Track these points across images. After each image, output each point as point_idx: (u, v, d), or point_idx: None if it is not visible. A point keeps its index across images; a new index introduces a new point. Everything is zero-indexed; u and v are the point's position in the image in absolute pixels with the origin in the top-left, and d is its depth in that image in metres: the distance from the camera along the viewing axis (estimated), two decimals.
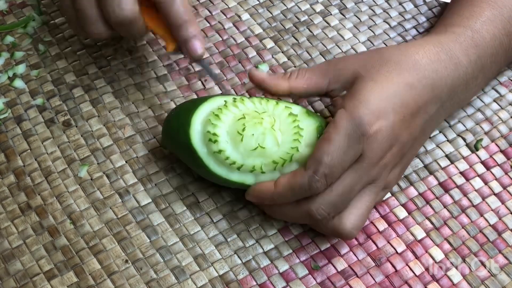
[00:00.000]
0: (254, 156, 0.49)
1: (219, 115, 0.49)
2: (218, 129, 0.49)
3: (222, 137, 0.49)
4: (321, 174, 0.46)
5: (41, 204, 0.54)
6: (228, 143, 0.49)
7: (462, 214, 0.54)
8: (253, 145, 0.48)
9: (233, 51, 0.63)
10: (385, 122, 0.48)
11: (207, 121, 0.50)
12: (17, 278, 0.50)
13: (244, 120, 0.49)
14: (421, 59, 0.50)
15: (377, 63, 0.50)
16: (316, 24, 0.65)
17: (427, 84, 0.50)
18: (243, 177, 0.50)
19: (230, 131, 0.49)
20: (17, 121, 0.58)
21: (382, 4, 0.66)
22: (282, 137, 0.49)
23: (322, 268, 0.51)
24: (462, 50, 0.52)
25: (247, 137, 0.48)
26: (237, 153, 0.49)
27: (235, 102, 0.50)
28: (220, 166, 0.50)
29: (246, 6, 0.66)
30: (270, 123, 0.49)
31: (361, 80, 0.49)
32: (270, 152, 0.49)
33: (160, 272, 0.51)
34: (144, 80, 0.61)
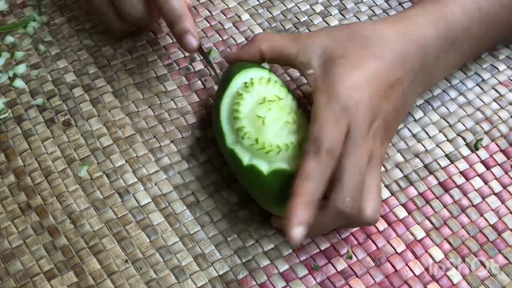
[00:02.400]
0: (285, 134, 0.49)
1: (243, 94, 0.51)
2: (239, 123, 0.50)
3: (247, 128, 0.50)
4: (324, 149, 0.47)
5: (41, 204, 0.54)
6: (254, 132, 0.49)
7: (462, 214, 0.54)
8: (282, 121, 0.49)
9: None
10: (362, 93, 0.48)
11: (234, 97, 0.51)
12: (17, 278, 0.50)
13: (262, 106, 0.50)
14: (389, 33, 0.51)
15: (344, 39, 0.51)
16: (316, 24, 0.65)
17: (396, 56, 0.51)
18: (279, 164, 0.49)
19: (252, 121, 0.50)
20: (17, 121, 0.58)
21: (382, 5, 0.66)
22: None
23: (322, 268, 0.51)
24: (429, 23, 0.53)
25: (271, 119, 0.49)
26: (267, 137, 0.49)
27: (244, 93, 0.51)
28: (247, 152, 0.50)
29: (246, 6, 0.66)
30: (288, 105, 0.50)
31: (329, 57, 0.50)
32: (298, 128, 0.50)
33: (160, 272, 0.51)
34: (144, 80, 0.61)
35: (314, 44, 0.51)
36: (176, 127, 0.58)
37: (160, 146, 0.57)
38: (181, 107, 0.59)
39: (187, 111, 0.59)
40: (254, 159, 0.49)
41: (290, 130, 0.49)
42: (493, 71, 0.61)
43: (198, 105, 0.59)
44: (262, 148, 0.49)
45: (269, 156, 0.49)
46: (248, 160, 0.50)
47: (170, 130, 0.58)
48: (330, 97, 0.48)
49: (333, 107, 0.48)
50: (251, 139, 0.49)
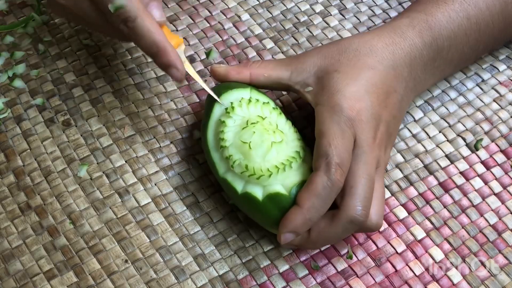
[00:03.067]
0: (274, 155, 0.49)
1: (225, 121, 0.50)
2: (227, 151, 0.50)
3: (235, 156, 0.49)
4: (334, 164, 0.47)
5: (40, 204, 0.54)
6: (242, 159, 0.49)
7: (462, 214, 0.54)
8: (267, 143, 0.48)
9: (233, 51, 0.63)
10: (364, 103, 0.49)
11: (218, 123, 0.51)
12: (17, 278, 0.50)
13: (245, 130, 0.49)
14: (377, 43, 0.52)
15: (336, 53, 0.52)
16: (315, 24, 0.65)
17: (388, 65, 0.51)
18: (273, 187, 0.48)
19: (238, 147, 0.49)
20: (17, 120, 0.58)
21: (382, 5, 0.66)
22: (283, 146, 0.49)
23: (322, 268, 0.51)
24: (416, 32, 0.53)
25: (256, 143, 0.49)
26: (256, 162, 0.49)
27: (226, 120, 0.50)
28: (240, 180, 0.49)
29: (246, 6, 0.66)
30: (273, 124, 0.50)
31: (324, 73, 0.51)
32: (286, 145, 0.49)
33: (160, 272, 0.51)
34: (144, 80, 0.61)
35: (307, 64, 0.52)
36: (176, 127, 0.58)
37: (160, 146, 0.57)
38: (181, 107, 0.59)
39: (187, 112, 0.59)
40: (247, 186, 0.49)
41: (278, 149, 0.49)
42: (493, 71, 0.61)
43: (198, 106, 0.59)
44: (253, 174, 0.48)
45: (262, 181, 0.48)
46: (242, 188, 0.49)
47: (170, 131, 0.58)
48: (333, 110, 0.48)
49: (337, 119, 0.48)
50: (241, 167, 0.49)
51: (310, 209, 0.47)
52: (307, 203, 0.47)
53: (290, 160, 0.48)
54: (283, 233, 0.48)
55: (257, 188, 0.49)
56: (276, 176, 0.48)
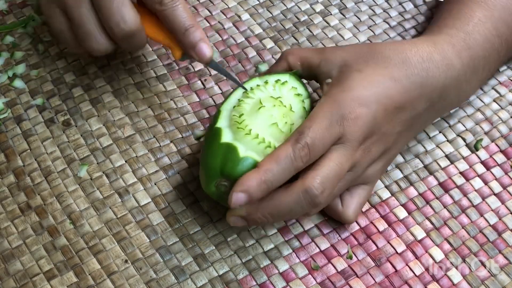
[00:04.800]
0: (269, 134, 0.49)
1: (241, 104, 0.51)
2: (246, 98, 0.51)
3: (245, 104, 0.50)
4: (304, 142, 0.47)
5: (41, 204, 0.54)
6: (247, 110, 0.50)
7: (462, 214, 0.54)
8: (270, 121, 0.49)
9: (233, 51, 0.63)
10: (367, 109, 0.49)
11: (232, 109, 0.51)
12: (17, 278, 0.50)
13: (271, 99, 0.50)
14: (413, 56, 0.51)
15: (367, 55, 0.51)
16: (316, 24, 0.65)
17: (416, 82, 0.50)
18: (250, 152, 0.48)
19: (253, 103, 0.50)
20: (17, 121, 0.58)
21: (382, 4, 0.66)
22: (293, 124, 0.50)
23: (322, 268, 0.51)
24: (455, 52, 0.52)
25: (264, 114, 0.49)
26: (255, 125, 0.49)
27: (253, 90, 0.52)
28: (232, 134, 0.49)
29: (246, 6, 0.66)
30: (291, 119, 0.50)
31: (347, 69, 0.50)
32: (281, 139, 0.49)
33: (159, 272, 0.51)
34: (143, 80, 0.61)
35: (336, 56, 0.52)
36: (176, 127, 0.58)
37: (160, 146, 0.57)
38: (181, 107, 0.59)
39: (187, 111, 0.59)
40: (226, 127, 0.50)
41: (274, 134, 0.49)
42: None
43: (198, 105, 0.59)
44: (238, 122, 0.49)
45: (238, 133, 0.49)
46: (221, 125, 0.50)
47: (170, 130, 0.58)
48: (333, 104, 0.48)
49: (330, 114, 0.48)
50: (238, 112, 0.50)
51: (266, 171, 0.46)
52: (265, 166, 0.47)
53: (268, 145, 0.49)
54: (236, 192, 0.46)
55: (230, 134, 0.49)
56: (250, 141, 0.48)
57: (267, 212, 0.48)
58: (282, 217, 0.50)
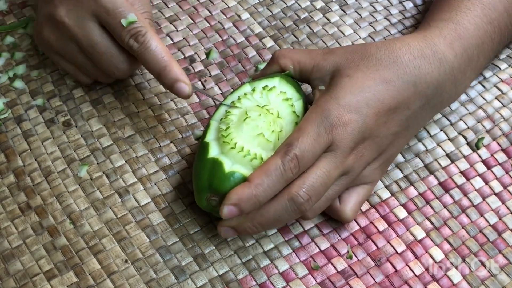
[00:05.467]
0: (255, 144, 0.49)
1: (227, 116, 0.51)
2: (232, 109, 0.51)
3: (232, 116, 0.51)
4: (293, 154, 0.47)
5: (41, 204, 0.54)
6: (233, 122, 0.50)
7: (462, 214, 0.54)
8: (256, 131, 0.49)
9: (233, 51, 0.63)
10: (357, 115, 0.48)
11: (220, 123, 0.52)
12: (17, 278, 0.50)
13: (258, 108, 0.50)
14: (404, 55, 0.51)
15: (358, 58, 0.51)
16: (316, 21, 0.65)
17: (409, 81, 0.50)
18: (237, 166, 0.48)
19: (240, 113, 0.50)
20: (17, 121, 0.58)
21: (383, 2, 0.66)
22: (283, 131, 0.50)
23: (322, 268, 0.51)
24: (446, 43, 0.52)
25: (250, 125, 0.49)
26: (240, 138, 0.49)
27: (240, 100, 0.52)
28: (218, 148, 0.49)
29: (246, 5, 0.66)
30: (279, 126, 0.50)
31: (338, 75, 0.50)
32: (269, 149, 0.49)
33: (159, 272, 0.51)
34: (144, 81, 0.61)
35: (328, 62, 0.52)
36: (176, 127, 0.58)
37: (160, 146, 0.57)
38: (181, 107, 0.59)
39: (187, 112, 0.59)
40: (213, 141, 0.50)
41: (261, 144, 0.49)
42: (494, 69, 0.61)
43: (198, 106, 0.59)
44: (224, 136, 0.49)
45: (224, 147, 0.49)
46: (209, 139, 0.50)
47: (170, 130, 0.58)
48: (322, 113, 0.48)
49: (319, 122, 0.48)
50: (225, 125, 0.50)
51: (257, 186, 0.46)
52: (256, 180, 0.47)
53: (256, 158, 0.48)
54: (227, 205, 0.47)
55: (216, 149, 0.49)
56: (236, 154, 0.48)
57: (256, 222, 0.49)
58: (271, 225, 0.50)
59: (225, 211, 0.47)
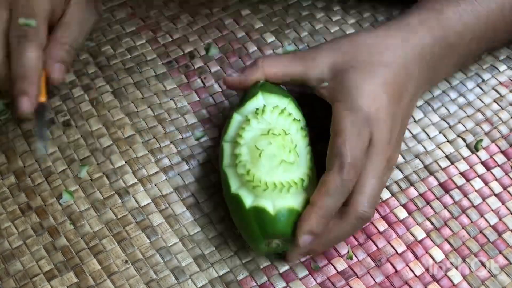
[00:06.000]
0: (282, 171, 0.48)
1: (251, 120, 0.50)
2: (239, 149, 0.49)
3: (243, 156, 0.49)
4: (347, 164, 0.47)
5: (41, 204, 0.54)
6: (249, 162, 0.48)
7: (462, 215, 0.54)
8: (276, 161, 0.48)
9: (233, 47, 0.63)
10: (381, 101, 0.49)
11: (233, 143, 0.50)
12: (17, 279, 0.50)
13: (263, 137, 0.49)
14: (390, 40, 0.52)
15: (350, 49, 0.51)
16: (318, 18, 0.64)
17: (400, 63, 0.51)
18: (279, 202, 0.47)
19: (250, 150, 0.49)
20: (18, 121, 0.58)
21: (384, 1, 0.66)
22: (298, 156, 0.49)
23: (322, 269, 0.51)
24: (426, 31, 0.53)
25: (267, 157, 0.48)
26: (265, 174, 0.48)
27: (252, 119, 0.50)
28: (251, 194, 0.48)
29: (246, 1, 0.66)
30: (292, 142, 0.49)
31: (341, 69, 0.50)
32: (295, 168, 0.48)
33: (160, 272, 0.51)
34: (143, 79, 0.61)
35: (320, 59, 0.51)
36: (176, 127, 0.58)
37: (160, 146, 0.57)
38: (181, 106, 0.59)
39: (187, 111, 0.59)
40: (241, 189, 0.49)
41: (286, 169, 0.48)
42: (493, 72, 0.61)
43: (198, 105, 0.59)
44: (251, 181, 0.48)
45: (256, 191, 0.48)
46: (235, 189, 0.49)
47: (170, 131, 0.58)
48: (351, 108, 0.48)
49: (354, 119, 0.48)
50: (245, 169, 0.48)
51: (322, 208, 0.47)
52: (320, 202, 0.47)
53: (291, 184, 0.48)
54: (301, 236, 0.47)
55: (249, 196, 0.48)
56: (271, 193, 0.48)
57: (328, 245, 0.50)
58: (341, 241, 0.52)
59: (302, 241, 0.47)
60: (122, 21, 0.64)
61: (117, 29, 0.64)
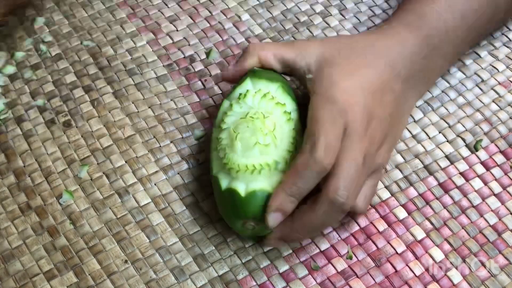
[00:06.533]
0: (253, 155, 0.49)
1: (233, 105, 0.51)
2: (221, 133, 0.50)
3: (224, 140, 0.50)
4: (320, 145, 0.47)
5: (41, 204, 0.54)
6: (228, 146, 0.49)
7: (462, 215, 0.54)
8: (252, 141, 0.48)
9: (233, 52, 0.63)
10: (358, 98, 0.50)
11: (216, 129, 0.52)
12: (16, 278, 0.50)
13: (242, 121, 0.49)
14: (378, 43, 0.53)
15: (338, 47, 0.53)
16: (316, 24, 0.65)
17: (385, 63, 0.52)
18: (252, 184, 0.48)
19: (229, 134, 0.50)
20: (18, 121, 0.58)
21: (382, 5, 0.66)
22: (278, 138, 0.49)
23: (322, 269, 0.51)
24: (410, 33, 0.54)
25: (242, 140, 0.49)
26: (240, 156, 0.49)
27: (234, 104, 0.51)
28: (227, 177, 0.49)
29: (246, 6, 0.66)
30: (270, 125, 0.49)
31: (326, 64, 0.52)
32: (271, 150, 0.49)
33: (159, 272, 0.51)
34: (144, 80, 0.61)
35: (310, 50, 0.53)
36: (176, 127, 0.58)
37: (160, 146, 0.57)
38: (181, 107, 0.59)
39: (187, 111, 0.59)
40: (220, 172, 0.50)
41: (262, 151, 0.48)
42: (492, 72, 0.61)
43: (198, 105, 0.60)
44: (226, 163, 0.49)
45: (231, 173, 0.49)
46: (215, 172, 0.50)
47: (170, 131, 0.58)
48: (328, 100, 0.49)
49: (330, 108, 0.49)
50: (223, 152, 0.49)
51: (291, 186, 0.47)
52: (289, 180, 0.47)
53: (263, 166, 0.48)
54: (270, 213, 0.47)
55: (225, 179, 0.49)
56: (244, 174, 0.48)
57: (302, 231, 0.50)
58: (317, 230, 0.51)
59: (271, 219, 0.48)
60: (123, 22, 0.65)
61: (117, 29, 0.64)
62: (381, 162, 0.52)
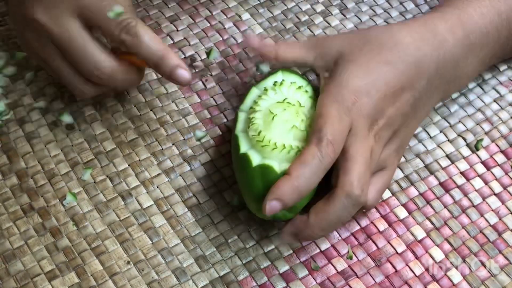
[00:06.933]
0: (291, 138, 0.49)
1: (253, 122, 0.51)
2: (254, 114, 0.51)
3: (257, 120, 0.50)
4: (326, 139, 0.47)
5: (44, 205, 0.54)
6: (262, 125, 0.50)
7: (462, 214, 0.54)
8: (288, 126, 0.49)
9: (233, 51, 0.63)
10: (367, 98, 0.49)
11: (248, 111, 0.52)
12: (17, 278, 0.51)
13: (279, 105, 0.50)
14: (404, 38, 0.52)
15: (361, 43, 0.52)
16: (317, 24, 0.65)
17: (410, 62, 0.51)
18: (284, 165, 0.48)
19: (264, 115, 0.50)
20: (20, 123, 0.58)
21: (383, 4, 0.66)
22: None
23: (322, 269, 0.51)
24: (447, 27, 0.53)
25: (279, 122, 0.49)
26: (276, 136, 0.49)
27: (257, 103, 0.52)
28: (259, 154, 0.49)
29: (246, 6, 0.66)
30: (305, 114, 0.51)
31: (342, 62, 0.51)
32: (304, 137, 0.49)
33: (161, 273, 0.51)
34: (145, 82, 0.61)
35: (331, 49, 0.52)
36: (178, 129, 0.58)
37: (162, 149, 0.57)
38: (182, 108, 0.59)
39: (188, 112, 0.59)
40: (251, 150, 0.50)
41: (296, 136, 0.49)
42: (493, 71, 0.61)
43: (199, 106, 0.60)
44: (260, 140, 0.49)
45: (265, 151, 0.49)
46: (245, 150, 0.50)
47: (171, 133, 0.58)
48: (335, 99, 0.49)
49: (336, 106, 0.49)
50: (256, 131, 0.50)
51: (298, 177, 0.47)
52: (294, 172, 0.47)
53: (300, 149, 0.49)
54: (269, 200, 0.47)
55: (257, 155, 0.49)
56: (279, 154, 0.49)
57: (316, 227, 0.49)
58: (333, 227, 0.51)
59: (268, 206, 0.47)
60: None
61: None
62: (388, 160, 0.52)
